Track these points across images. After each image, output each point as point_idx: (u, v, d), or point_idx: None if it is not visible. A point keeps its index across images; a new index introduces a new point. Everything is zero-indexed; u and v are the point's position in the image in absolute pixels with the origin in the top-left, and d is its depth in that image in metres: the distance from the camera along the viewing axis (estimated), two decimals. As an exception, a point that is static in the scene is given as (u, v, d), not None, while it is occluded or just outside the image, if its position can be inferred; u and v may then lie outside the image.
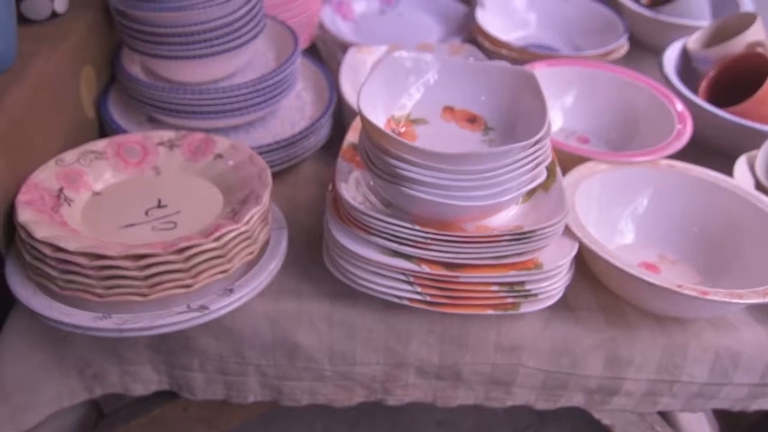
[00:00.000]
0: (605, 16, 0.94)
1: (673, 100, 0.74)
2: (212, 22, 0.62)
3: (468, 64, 0.56)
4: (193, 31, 0.62)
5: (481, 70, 0.55)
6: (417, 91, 0.55)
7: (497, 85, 0.55)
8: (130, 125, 0.68)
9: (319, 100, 0.76)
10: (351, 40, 0.90)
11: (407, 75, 0.55)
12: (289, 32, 0.74)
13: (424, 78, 0.55)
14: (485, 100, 0.55)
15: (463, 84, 0.56)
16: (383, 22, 0.98)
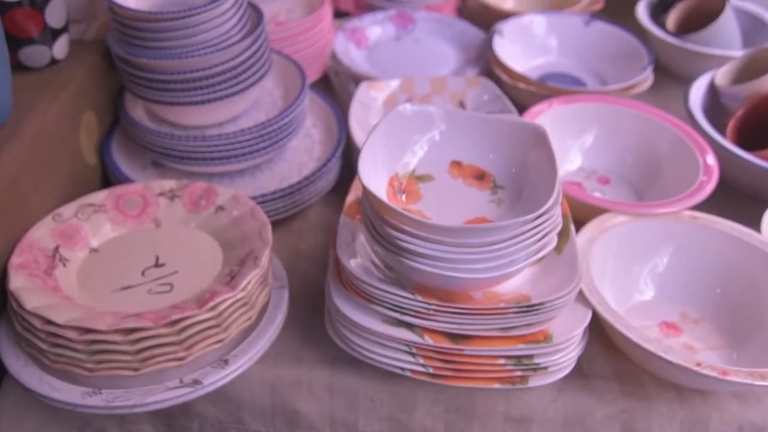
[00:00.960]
0: (629, 43, 0.90)
1: (700, 142, 0.70)
2: (215, 68, 0.61)
3: (477, 118, 0.53)
4: (195, 77, 0.60)
5: (490, 124, 0.53)
6: (421, 149, 0.53)
7: (507, 141, 0.52)
8: (134, 169, 0.67)
9: (328, 138, 0.74)
10: (364, 70, 0.88)
11: (412, 132, 0.52)
12: (297, 71, 0.72)
13: (430, 134, 0.53)
14: (494, 158, 0.52)
15: (471, 138, 0.53)
16: (398, 48, 0.96)
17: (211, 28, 0.59)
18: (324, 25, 0.87)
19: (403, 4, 1.04)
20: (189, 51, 0.59)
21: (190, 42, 0.58)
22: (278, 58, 0.75)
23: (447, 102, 0.80)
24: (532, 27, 0.95)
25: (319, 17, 0.85)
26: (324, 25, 0.87)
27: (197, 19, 0.58)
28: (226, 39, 0.61)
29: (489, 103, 0.79)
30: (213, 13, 0.58)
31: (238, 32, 0.62)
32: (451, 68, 0.91)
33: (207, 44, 0.60)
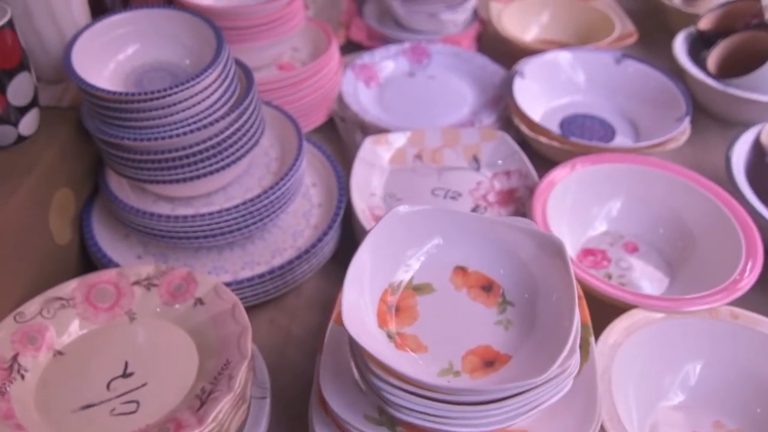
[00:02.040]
0: (664, 87, 0.82)
1: (742, 216, 0.62)
2: (198, 146, 0.55)
3: (486, 222, 0.47)
4: (175, 156, 0.55)
5: (501, 230, 0.46)
6: (418, 261, 0.46)
7: (519, 252, 0.46)
8: (114, 239, 0.62)
9: (328, 200, 0.68)
10: (373, 115, 0.81)
11: (407, 243, 0.46)
12: (295, 132, 0.66)
13: (431, 243, 0.46)
14: (504, 272, 0.46)
15: (479, 242, 0.47)
16: (412, 86, 0.89)
17: (192, 105, 0.53)
18: (330, 67, 0.80)
19: (418, 34, 0.96)
20: (168, 131, 0.53)
21: (169, 121, 0.53)
22: (275, 114, 0.69)
23: (459, 157, 0.73)
24: (558, 62, 0.87)
25: (325, 60, 0.79)
26: (330, 68, 0.80)
27: (176, 98, 0.52)
28: (210, 115, 0.55)
29: (505, 160, 0.72)
30: (193, 90, 0.52)
31: (223, 105, 0.56)
32: (468, 110, 0.84)
33: (188, 123, 0.54)
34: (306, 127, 0.80)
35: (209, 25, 0.57)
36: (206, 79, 0.53)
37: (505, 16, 0.98)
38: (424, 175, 0.71)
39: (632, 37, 0.90)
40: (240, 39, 0.73)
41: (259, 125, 0.61)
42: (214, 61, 0.54)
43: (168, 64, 0.59)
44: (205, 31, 0.57)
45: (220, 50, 0.55)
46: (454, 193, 0.69)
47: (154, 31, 0.58)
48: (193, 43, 0.58)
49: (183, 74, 0.58)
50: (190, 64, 0.59)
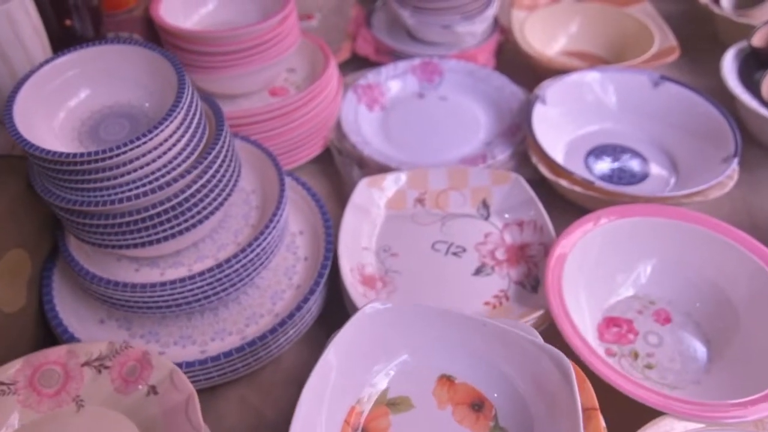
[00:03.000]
0: (710, 116, 0.71)
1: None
2: (160, 206, 0.48)
3: (479, 324, 0.39)
4: (136, 219, 0.48)
5: (498, 338, 0.38)
6: (394, 368, 0.39)
7: (518, 367, 0.37)
8: (76, 302, 0.56)
9: (315, 253, 0.60)
10: (374, 147, 0.73)
11: (382, 347, 0.38)
12: (277, 176, 0.59)
13: (410, 349, 0.39)
14: (498, 392, 0.38)
15: (470, 349, 0.39)
16: (420, 109, 0.80)
17: (151, 161, 0.46)
18: (328, 92, 0.72)
19: (431, 46, 0.87)
20: (123, 192, 0.46)
21: (125, 181, 0.46)
22: (256, 153, 0.62)
23: (467, 201, 0.64)
24: (585, 84, 0.76)
25: (322, 85, 0.70)
26: (328, 92, 0.72)
27: (130, 155, 0.45)
28: (173, 170, 0.48)
29: (518, 208, 0.63)
30: (150, 144, 0.45)
31: (188, 157, 0.48)
32: (482, 139, 0.75)
33: (147, 181, 0.47)
34: (300, 159, 0.73)
35: (169, 62, 0.50)
36: (165, 130, 0.46)
37: (529, 25, 0.88)
38: (425, 224, 0.63)
39: (673, 54, 0.79)
40: (226, 65, 0.66)
41: (232, 175, 0.53)
42: (175, 108, 0.47)
43: (127, 107, 0.52)
44: (165, 70, 0.50)
45: (182, 92, 0.48)
46: (457, 247, 0.61)
47: (108, 71, 0.51)
48: (151, 84, 0.51)
49: (144, 119, 0.51)
50: (151, 107, 0.51)
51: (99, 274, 0.52)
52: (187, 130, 0.48)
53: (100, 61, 0.50)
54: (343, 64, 0.88)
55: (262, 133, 0.68)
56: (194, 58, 0.66)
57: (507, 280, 0.58)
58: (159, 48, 0.50)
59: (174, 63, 0.49)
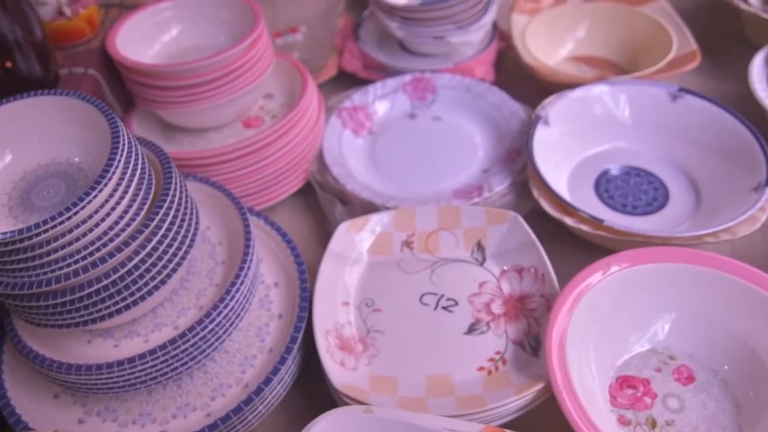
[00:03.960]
0: (736, 135, 0.62)
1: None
2: (101, 282, 0.42)
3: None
4: (74, 298, 0.42)
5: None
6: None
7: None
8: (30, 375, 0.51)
9: (290, 309, 0.54)
10: (360, 181, 0.67)
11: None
12: (242, 227, 0.53)
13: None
14: None
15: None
16: (411, 132, 0.73)
17: (84, 234, 0.40)
18: (307, 119, 0.66)
19: (425, 58, 0.80)
20: (55, 271, 0.41)
21: (57, 257, 0.40)
22: (223, 201, 0.56)
23: (460, 243, 0.58)
24: (593, 99, 0.68)
25: (299, 114, 0.64)
26: (307, 120, 0.66)
27: (57, 232, 0.39)
28: (112, 240, 0.42)
29: (517, 251, 0.56)
30: (78, 217, 0.39)
31: (131, 222, 0.42)
32: (479, 166, 0.68)
33: (82, 255, 0.41)
34: (279, 195, 0.66)
35: (101, 112, 0.43)
36: (99, 194, 0.40)
37: (531, 31, 0.80)
38: (413, 272, 0.56)
39: (694, 60, 0.71)
40: (192, 99, 0.60)
41: (188, 232, 0.47)
42: (109, 167, 0.41)
43: (64, 165, 0.46)
44: (97, 121, 0.43)
45: (117, 148, 0.41)
46: (449, 300, 0.54)
47: (31, 127, 0.45)
48: (84, 137, 0.45)
49: (81, 178, 0.45)
50: (87, 163, 0.46)
51: (46, 355, 0.46)
52: (127, 189, 0.42)
53: (19, 119, 0.44)
54: (328, 82, 0.81)
55: (234, 172, 0.62)
56: (157, 93, 0.60)
57: (504, 339, 0.51)
58: (89, 96, 0.44)
59: (105, 113, 0.43)
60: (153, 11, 0.65)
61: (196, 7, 0.66)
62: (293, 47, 0.84)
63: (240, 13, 0.65)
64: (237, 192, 0.63)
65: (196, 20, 0.66)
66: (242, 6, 0.65)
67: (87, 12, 0.62)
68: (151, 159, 0.48)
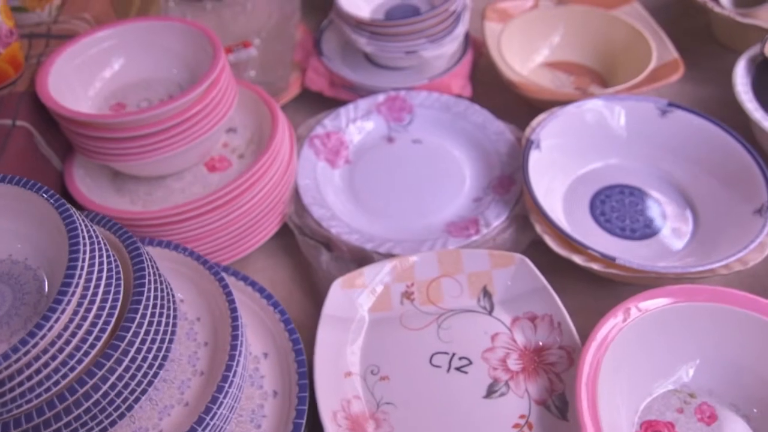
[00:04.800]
0: (730, 151, 0.60)
1: None
2: (67, 417, 0.35)
3: None
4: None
5: None
6: None
7: None
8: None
9: (285, 385, 0.48)
10: (343, 213, 0.61)
11: None
12: (224, 301, 0.46)
13: None
14: None
15: None
16: (391, 157, 0.67)
17: (33, 374, 0.33)
18: (281, 159, 0.59)
19: (392, 75, 0.74)
20: (5, 414, 0.33)
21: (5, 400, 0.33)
22: (197, 268, 0.49)
23: (464, 291, 0.53)
24: (583, 117, 0.65)
25: (272, 155, 0.57)
26: (281, 160, 0.59)
27: (6, 374, 0.32)
28: (66, 375, 0.34)
29: (527, 297, 0.52)
30: (34, 351, 0.32)
31: (92, 346, 0.35)
32: (469, 194, 0.63)
33: (38, 393, 0.33)
34: (253, 245, 0.59)
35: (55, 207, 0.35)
36: (60, 318, 0.32)
37: (506, 39, 0.75)
38: (418, 328, 0.51)
39: (677, 71, 0.68)
40: (145, 151, 0.52)
41: (165, 336, 0.40)
42: (69, 285, 0.33)
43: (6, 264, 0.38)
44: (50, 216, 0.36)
45: (76, 256, 0.34)
46: (461, 359, 0.49)
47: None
48: (34, 233, 0.37)
49: (30, 281, 0.37)
50: (37, 264, 0.37)
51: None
52: (90, 307, 0.34)
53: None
54: (293, 103, 0.74)
55: (201, 228, 0.54)
56: (102, 145, 0.51)
57: (526, 399, 0.47)
58: (38, 186, 0.36)
59: (61, 210, 0.35)
60: (89, 43, 0.56)
61: (141, 34, 0.57)
62: (248, 64, 0.76)
63: (194, 43, 0.57)
64: (205, 248, 0.56)
65: (142, 50, 0.58)
66: (196, 34, 0.56)
67: (9, 51, 0.52)
68: (114, 245, 0.40)
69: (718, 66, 0.78)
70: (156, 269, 0.40)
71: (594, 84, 0.76)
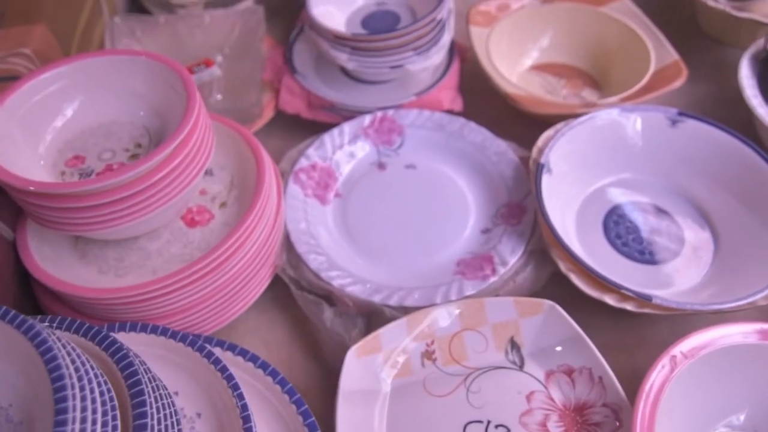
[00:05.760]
0: (747, 162, 0.57)
1: None
2: None
3: None
4: None
5: None
6: None
7: None
8: None
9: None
10: (340, 257, 0.55)
11: None
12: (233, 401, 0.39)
13: None
14: None
15: None
16: (384, 185, 0.61)
17: None
18: (270, 209, 0.51)
19: (374, 91, 0.68)
20: None
21: None
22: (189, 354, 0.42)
23: (489, 345, 0.48)
24: (591, 127, 0.60)
25: (262, 205, 0.49)
26: (270, 210, 0.52)
27: None
28: None
29: (561, 348, 0.47)
30: None
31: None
32: (474, 224, 0.58)
33: None
34: (240, 310, 0.52)
35: (21, 332, 0.28)
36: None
37: (494, 43, 0.69)
38: (445, 394, 0.46)
39: (679, 75, 0.64)
40: (110, 218, 0.44)
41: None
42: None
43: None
44: (23, 349, 0.28)
45: (65, 415, 0.27)
46: (498, 427, 0.44)
47: None
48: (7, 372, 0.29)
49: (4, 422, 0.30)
50: (15, 406, 0.30)
51: None
52: None
53: None
54: (265, 127, 0.66)
55: (185, 300, 0.47)
56: (59, 215, 0.43)
57: (574, 468, 0.43)
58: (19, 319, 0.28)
59: (38, 345, 0.28)
60: (33, 87, 0.47)
61: (96, 72, 0.48)
62: (212, 87, 0.67)
63: (161, 80, 0.48)
64: (188, 319, 0.48)
65: (99, 91, 0.49)
66: (162, 70, 0.48)
67: (-66, 107, 0.43)
68: (101, 360, 0.33)
69: (709, 60, 0.75)
70: (155, 384, 0.34)
71: (587, 87, 0.72)
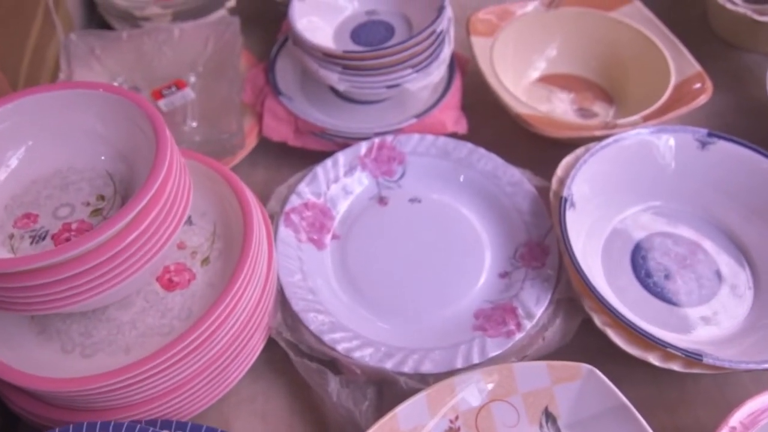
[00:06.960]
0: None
1: None
2: None
3: None
4: None
5: None
6: None
7: None
8: None
9: None
10: (342, 314, 0.48)
11: None
12: None
13: None
14: None
15: None
16: (386, 223, 0.54)
17: None
18: (261, 264, 0.44)
19: (368, 113, 0.61)
20: None
21: None
22: None
23: (521, 417, 0.42)
24: (613, 154, 0.54)
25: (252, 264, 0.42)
26: (261, 265, 0.44)
27: None
28: None
29: (602, 419, 0.41)
30: None
31: None
32: (493, 268, 0.51)
33: None
34: (231, 383, 0.44)
35: None
36: None
37: (498, 54, 0.63)
38: (475, 480, 0.40)
39: (704, 90, 0.58)
40: (73, 294, 0.36)
41: None
42: None
43: None
44: None
45: None
46: None
47: None
48: None
49: None
50: None
51: None
52: None
53: None
54: (251, 158, 0.59)
55: (167, 382, 0.40)
56: (9, 295, 0.35)
57: None
58: None
59: None
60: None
61: (46, 109, 0.40)
62: (185, 112, 0.60)
63: (123, 117, 0.40)
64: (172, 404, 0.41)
65: (51, 132, 0.41)
66: (124, 106, 0.40)
67: None
68: None
69: (726, 67, 0.70)
70: None
71: (598, 101, 0.66)
